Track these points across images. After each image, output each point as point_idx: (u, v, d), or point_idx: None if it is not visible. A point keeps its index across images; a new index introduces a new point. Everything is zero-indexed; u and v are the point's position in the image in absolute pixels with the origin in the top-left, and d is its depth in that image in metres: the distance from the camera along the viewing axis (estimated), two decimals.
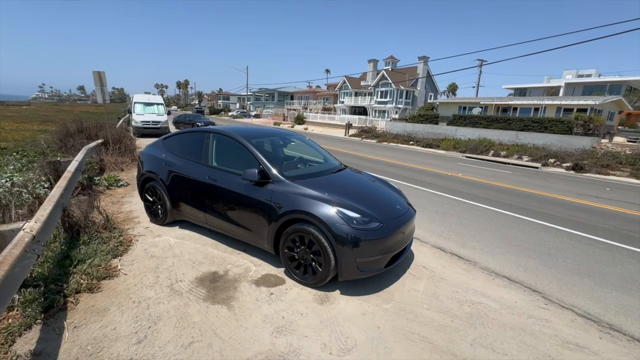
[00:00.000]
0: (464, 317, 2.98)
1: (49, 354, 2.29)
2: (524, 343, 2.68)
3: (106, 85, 8.94)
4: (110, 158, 8.71)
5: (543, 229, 5.67)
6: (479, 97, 35.25)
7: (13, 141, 12.99)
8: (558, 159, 15.55)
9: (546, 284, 3.73)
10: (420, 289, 3.45)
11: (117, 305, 2.86)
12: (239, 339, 2.52)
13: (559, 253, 4.62)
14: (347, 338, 2.61)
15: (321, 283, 3.25)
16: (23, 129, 18.45)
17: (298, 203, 3.27)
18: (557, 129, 19.75)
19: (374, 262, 3.15)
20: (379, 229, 3.15)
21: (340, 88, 46.81)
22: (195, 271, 3.52)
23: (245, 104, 73.08)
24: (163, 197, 4.54)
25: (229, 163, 4.02)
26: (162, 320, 2.69)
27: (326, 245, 3.08)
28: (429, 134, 24.52)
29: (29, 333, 2.48)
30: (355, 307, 3.04)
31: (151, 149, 4.93)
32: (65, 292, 2.92)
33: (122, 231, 4.38)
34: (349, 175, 4.23)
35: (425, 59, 38.07)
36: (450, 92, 65.35)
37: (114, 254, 3.74)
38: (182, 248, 4.05)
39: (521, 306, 3.25)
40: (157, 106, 17.87)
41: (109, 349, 2.35)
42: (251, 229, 3.67)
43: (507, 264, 4.19)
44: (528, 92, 38.84)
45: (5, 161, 8.60)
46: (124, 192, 6.48)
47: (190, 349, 2.39)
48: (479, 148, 18.67)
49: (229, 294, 3.13)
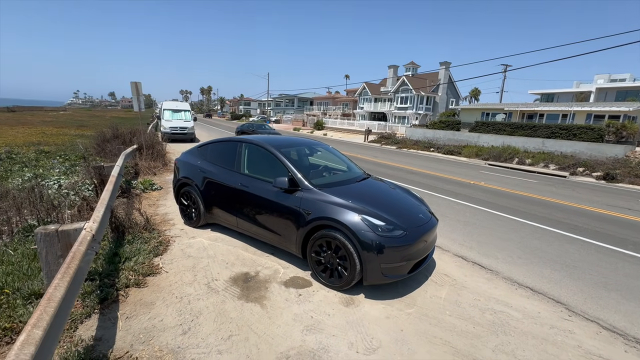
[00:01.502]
0: (485, 325, 3.07)
1: (107, 340, 2.59)
2: (546, 352, 2.74)
3: (142, 94, 9.57)
4: (144, 163, 9.28)
5: (569, 240, 5.59)
6: (503, 103, 34.42)
7: (54, 145, 14.03)
8: (587, 168, 14.98)
9: (570, 296, 3.74)
10: (442, 295, 3.56)
11: (162, 300, 3.16)
12: (272, 334, 2.75)
13: (585, 265, 4.58)
14: (372, 339, 2.77)
15: (347, 287, 3.43)
16: (62, 133, 19.82)
17: (325, 210, 3.48)
18: (586, 137, 19.02)
19: (398, 268, 3.30)
20: (403, 237, 3.30)
21: (359, 94, 46.98)
22: (228, 271, 3.79)
23: (265, 109, 74.59)
24: (197, 202, 4.88)
25: (260, 171, 4.30)
26: (203, 314, 2.96)
27: (352, 250, 3.26)
28: (450, 140, 24.20)
29: (88, 321, 2.81)
30: (380, 311, 3.19)
31: (187, 156, 5.30)
32: (117, 286, 3.26)
33: (160, 232, 4.74)
34: (372, 183, 4.40)
35: (447, 65, 37.65)
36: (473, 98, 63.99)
37: (155, 253, 4.08)
38: (215, 249, 4.35)
39: (544, 316, 3.30)
40: (184, 113, 18.72)
41: (158, 338, 2.64)
42: (280, 234, 3.91)
43: (530, 275, 4.21)
44: (555, 98, 37.50)
45: (51, 165, 9.36)
46: (158, 195, 6.92)
47: (230, 341, 2.63)
48: (503, 155, 18.26)
49: (261, 293, 3.37)
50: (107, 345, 2.52)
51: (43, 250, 2.97)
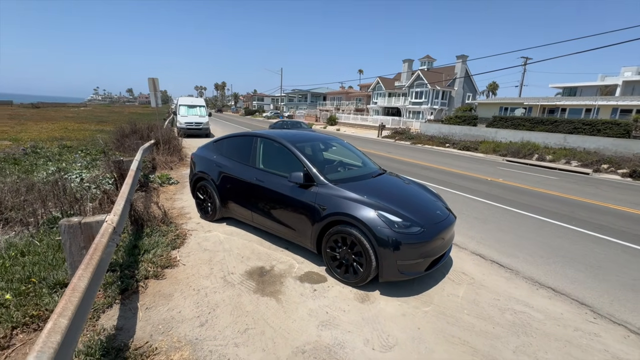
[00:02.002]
0: (505, 325, 2.99)
1: (128, 330, 2.66)
2: (570, 355, 2.65)
3: (159, 90, 9.73)
4: (161, 157, 9.47)
5: (593, 240, 5.37)
6: (522, 98, 33.32)
7: (76, 140, 14.49)
8: (612, 165, 14.35)
9: (595, 298, 3.59)
10: (460, 294, 3.48)
11: (179, 292, 3.21)
12: (288, 329, 2.75)
13: (611, 266, 4.39)
14: (388, 336, 2.74)
15: (362, 283, 3.40)
16: (83, 129, 20.45)
17: (341, 206, 3.45)
18: (612, 132, 18.19)
19: (415, 265, 3.25)
20: (420, 234, 3.24)
21: (373, 89, 46.43)
22: (244, 265, 3.82)
23: (278, 105, 74.80)
24: (213, 196, 4.93)
25: (275, 166, 4.30)
26: (220, 307, 2.99)
27: (368, 247, 3.23)
28: (467, 135, 23.63)
29: (110, 311, 2.89)
30: (395, 308, 3.15)
31: (203, 151, 5.36)
32: (137, 277, 3.33)
33: (177, 226, 4.82)
34: (388, 179, 4.34)
35: (463, 58, 36.70)
36: (490, 92, 62.27)
37: (172, 246, 4.15)
38: (230, 243, 4.40)
39: (567, 318, 3.18)
40: (200, 108, 18.96)
41: (177, 329, 2.69)
42: (295, 229, 3.91)
43: (552, 275, 4.07)
44: (579, 92, 36.01)
45: (73, 159, 9.67)
46: (175, 190, 7.05)
47: (246, 334, 2.66)
48: (522, 151, 17.69)
49: (276, 287, 3.39)
50: (127, 335, 2.59)
51: (67, 242, 3.07)
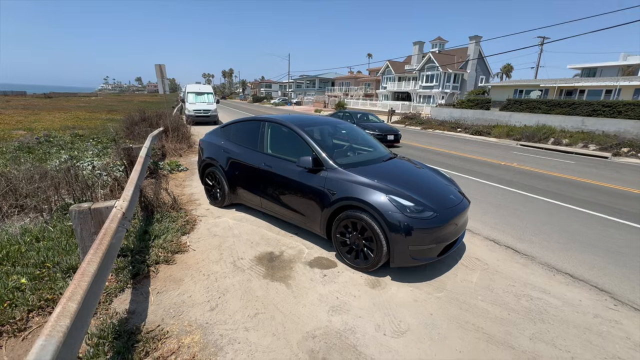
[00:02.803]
0: (521, 312, 2.90)
1: (140, 314, 2.68)
2: (589, 342, 2.56)
3: (166, 77, 9.66)
4: (170, 145, 9.49)
5: (613, 225, 5.18)
6: (539, 80, 32.07)
7: (88, 129, 14.66)
8: (634, 148, 13.77)
9: (616, 284, 3.46)
10: (474, 280, 3.40)
11: (190, 277, 3.22)
12: (298, 314, 2.73)
13: (633, 252, 4.22)
14: (400, 322, 2.69)
15: (373, 268, 3.35)
16: (94, 118, 20.69)
17: (351, 190, 3.37)
18: (634, 114, 17.40)
19: (427, 251, 3.16)
20: (433, 219, 3.14)
21: (382, 73, 45.40)
22: (253, 250, 3.81)
23: (286, 91, 74.10)
24: (222, 182, 4.91)
25: (283, 150, 4.22)
26: (230, 292, 2.99)
27: (379, 232, 3.15)
28: (479, 120, 23.00)
29: (122, 295, 2.91)
30: (407, 294, 3.10)
31: (211, 137, 5.31)
32: (148, 262, 3.35)
33: (187, 212, 4.83)
34: (399, 163, 4.22)
35: (477, 39, 35.37)
36: (505, 75, 60.17)
37: (182, 231, 4.17)
38: (240, 229, 4.39)
39: (586, 305, 3.07)
40: (207, 95, 18.88)
41: (187, 313, 2.69)
42: (304, 214, 3.85)
43: (569, 261, 3.94)
44: (598, 72, 34.39)
45: (85, 147, 9.79)
46: (184, 176, 7.07)
47: (256, 319, 2.65)
48: (537, 135, 17.12)
49: (286, 273, 3.37)
50: (139, 319, 2.61)
51: (78, 227, 3.08)
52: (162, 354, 2.25)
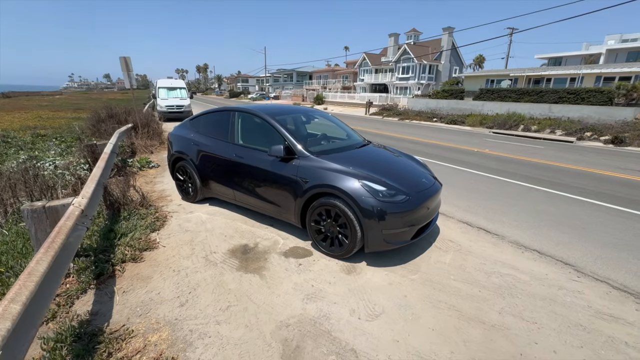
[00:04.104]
0: (491, 288, 2.98)
1: (104, 314, 2.54)
2: (554, 312, 2.66)
3: (132, 70, 9.19)
4: (140, 142, 9.09)
5: (577, 203, 5.44)
6: (509, 69, 33.17)
7: (51, 128, 13.81)
8: (595, 132, 14.56)
9: (579, 257, 3.63)
10: (447, 261, 3.46)
11: (159, 274, 3.09)
12: (272, 304, 2.68)
13: (595, 227, 4.44)
14: (374, 305, 2.70)
15: (348, 255, 3.34)
16: (58, 117, 19.52)
17: (324, 177, 3.32)
18: (595, 100, 18.36)
19: (400, 234, 3.18)
20: (405, 202, 3.15)
21: (359, 65, 45.50)
22: (227, 244, 3.71)
23: (264, 85, 72.94)
24: (193, 176, 4.73)
25: (254, 141, 4.11)
26: (201, 286, 2.89)
27: (352, 218, 3.13)
28: (454, 109, 23.56)
29: (84, 296, 2.75)
30: (382, 278, 3.11)
31: (180, 130, 5.10)
32: (113, 261, 3.18)
33: (157, 208, 4.64)
34: (373, 150, 4.21)
35: (450, 30, 36.06)
36: (477, 65, 61.82)
37: (152, 228, 3.99)
38: (213, 223, 4.26)
39: (552, 278, 3.20)
40: (180, 90, 18.22)
41: (155, 310, 2.58)
42: (278, 204, 3.78)
43: (537, 238, 4.09)
44: (564, 62, 36.03)
45: (47, 147, 9.21)
46: (155, 173, 6.79)
47: (228, 311, 2.57)
48: (508, 123, 17.77)
49: (260, 264, 3.29)
50: (103, 319, 2.47)
51: (32, 228, 2.88)
52: (126, 354, 2.14)
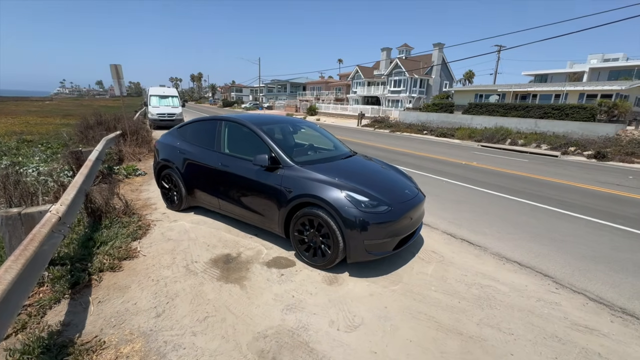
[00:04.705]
0: (471, 299, 3.00)
1: (76, 325, 2.47)
2: (531, 324, 2.69)
3: (123, 77, 9.18)
4: (128, 149, 9.00)
5: (558, 216, 5.55)
6: (497, 85, 34.11)
7: (38, 134, 13.58)
8: (579, 147, 15.00)
9: (558, 269, 3.69)
10: (429, 272, 3.48)
11: (137, 283, 3.03)
12: (250, 314, 2.64)
13: (574, 239, 4.54)
14: (354, 316, 2.68)
15: (330, 265, 3.33)
16: (46, 122, 19.23)
17: (307, 187, 3.34)
18: (579, 116, 18.98)
19: (382, 245, 3.20)
20: (387, 212, 3.19)
21: (352, 78, 46.24)
22: (209, 253, 3.67)
23: (257, 95, 73.35)
24: (178, 184, 4.70)
25: (240, 150, 4.12)
26: (179, 296, 2.84)
27: (335, 228, 3.14)
28: (444, 123, 24.03)
29: (58, 306, 2.67)
30: (363, 288, 3.11)
31: (166, 138, 5.09)
32: (90, 270, 3.11)
33: (140, 216, 4.57)
34: (358, 161, 4.26)
35: (440, 46, 37.05)
36: (467, 80, 63.42)
37: (133, 237, 3.93)
38: (197, 232, 4.21)
39: (531, 290, 3.24)
40: (172, 99, 18.20)
41: (130, 321, 2.52)
42: (262, 214, 3.77)
43: (518, 250, 4.15)
44: (549, 79, 37.30)
45: (32, 153, 9.04)
46: (141, 181, 6.72)
47: (205, 322, 2.53)
48: (496, 137, 18.19)
49: (242, 274, 3.26)
50: (75, 330, 2.40)
51: (6, 235, 2.82)
52: None
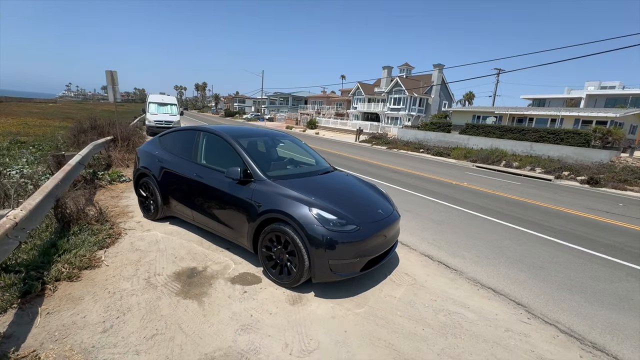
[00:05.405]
0: (436, 327, 2.90)
1: (17, 337, 2.36)
2: (494, 356, 2.58)
3: (117, 84, 9.25)
4: (118, 155, 8.98)
5: (541, 241, 5.47)
6: (494, 107, 34.55)
7: (34, 136, 13.60)
8: (573, 172, 15.01)
9: (532, 298, 3.59)
10: (398, 295, 3.38)
11: (92, 295, 2.93)
12: (202, 334, 2.54)
13: (553, 267, 4.44)
14: (310, 340, 2.58)
15: (295, 284, 3.23)
16: (45, 125, 19.30)
17: (276, 202, 3.28)
18: (573, 141, 19.09)
19: (349, 266, 3.11)
20: (355, 232, 3.11)
21: (353, 94, 46.85)
22: (175, 266, 3.57)
23: (260, 107, 74.12)
24: (155, 193, 4.64)
25: (216, 161, 4.08)
26: (132, 311, 2.73)
27: (300, 245, 3.07)
28: (441, 142, 24.16)
29: (3, 316, 2.56)
30: (327, 310, 3.00)
31: (147, 146, 5.06)
32: (45, 279, 3.01)
33: (113, 224, 4.49)
34: (334, 177, 4.21)
35: (440, 67, 37.71)
36: (467, 101, 64.30)
37: (100, 245, 3.83)
38: (167, 243, 4.12)
39: (501, 319, 3.14)
40: (171, 106, 18.36)
41: (74, 336, 2.41)
42: (233, 227, 3.70)
43: (495, 275, 4.06)
44: (547, 103, 37.84)
45: (20, 154, 9.01)
46: (124, 187, 6.65)
47: (152, 340, 2.42)
48: (491, 158, 18.25)
49: (203, 289, 3.16)
50: (14, 343, 2.29)
51: None
52: None
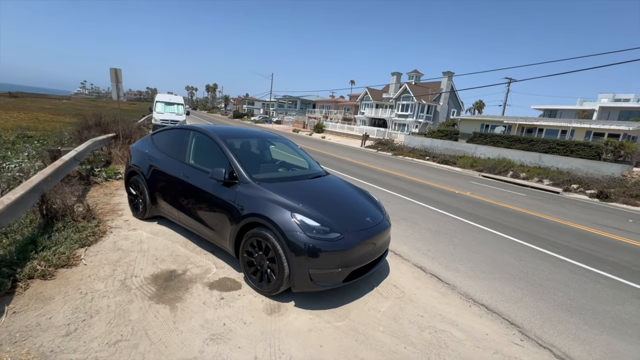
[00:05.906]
0: (419, 345, 2.72)
1: None
2: None
3: (121, 82, 9.31)
4: (118, 152, 8.99)
5: (542, 257, 5.23)
6: (503, 116, 34.04)
7: (42, 131, 13.81)
8: (582, 185, 14.57)
9: (527, 318, 3.38)
10: (382, 309, 3.21)
11: (63, 295, 2.83)
12: (168, 342, 2.41)
13: (553, 285, 4.22)
14: (282, 354, 2.43)
15: (275, 292, 3.09)
16: (55, 120, 19.64)
17: (258, 206, 3.16)
18: (584, 154, 18.62)
19: (331, 276, 2.96)
20: (338, 240, 2.97)
21: (361, 99, 46.77)
22: (154, 268, 3.46)
23: (268, 109, 74.56)
24: (144, 192, 4.57)
25: (203, 161, 3.99)
26: (100, 314, 2.63)
27: (281, 252, 2.93)
28: (447, 150, 23.84)
29: None
30: (305, 322, 2.85)
31: (140, 144, 5.00)
32: (18, 276, 2.93)
33: (100, 222, 4.42)
34: (324, 182, 4.08)
35: (449, 74, 37.42)
36: (477, 110, 63.65)
37: (82, 243, 3.75)
38: (151, 243, 4.03)
39: (491, 339, 2.94)
40: (177, 106, 18.50)
41: (34, 338, 2.31)
42: (216, 230, 3.58)
43: (489, 291, 3.85)
44: (558, 114, 37.13)
45: (23, 148, 9.11)
46: (119, 185, 6.62)
47: (115, 347, 2.30)
48: (497, 168, 17.88)
49: (178, 294, 3.04)
50: None
51: None
52: None
